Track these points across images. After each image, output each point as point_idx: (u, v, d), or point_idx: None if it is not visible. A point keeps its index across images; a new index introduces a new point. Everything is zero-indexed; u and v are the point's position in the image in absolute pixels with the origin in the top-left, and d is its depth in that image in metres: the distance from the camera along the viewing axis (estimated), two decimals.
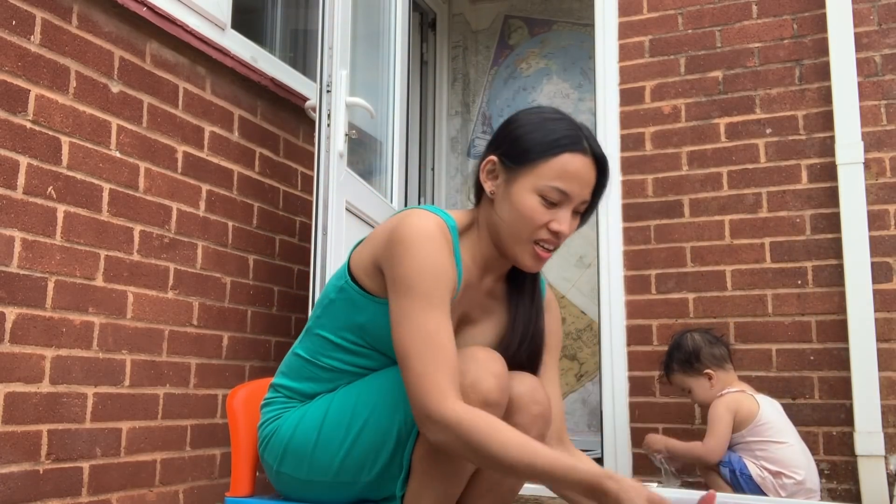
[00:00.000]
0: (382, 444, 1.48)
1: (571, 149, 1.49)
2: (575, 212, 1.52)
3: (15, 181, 2.00)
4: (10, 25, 2.01)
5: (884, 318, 2.75)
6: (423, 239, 1.41)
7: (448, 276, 1.43)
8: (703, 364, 2.62)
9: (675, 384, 2.71)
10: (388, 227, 1.48)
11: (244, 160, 2.81)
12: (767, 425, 2.53)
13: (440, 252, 1.43)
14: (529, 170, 1.49)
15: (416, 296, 1.39)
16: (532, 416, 1.50)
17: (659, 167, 3.14)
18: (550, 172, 1.48)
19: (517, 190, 1.49)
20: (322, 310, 1.58)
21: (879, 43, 2.90)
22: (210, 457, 2.59)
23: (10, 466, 1.95)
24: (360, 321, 1.51)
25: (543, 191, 1.48)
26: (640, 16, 3.27)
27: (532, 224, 1.48)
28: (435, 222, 1.45)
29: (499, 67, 4.89)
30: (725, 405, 2.55)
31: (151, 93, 2.44)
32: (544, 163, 1.48)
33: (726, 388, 2.59)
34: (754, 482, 2.47)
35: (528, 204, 1.48)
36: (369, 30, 3.19)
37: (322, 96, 2.60)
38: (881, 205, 2.81)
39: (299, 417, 1.55)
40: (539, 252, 1.50)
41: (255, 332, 2.82)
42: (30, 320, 2.02)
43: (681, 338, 2.69)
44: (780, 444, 2.52)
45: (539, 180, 1.48)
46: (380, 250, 1.47)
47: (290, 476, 1.57)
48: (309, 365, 1.58)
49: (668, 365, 2.70)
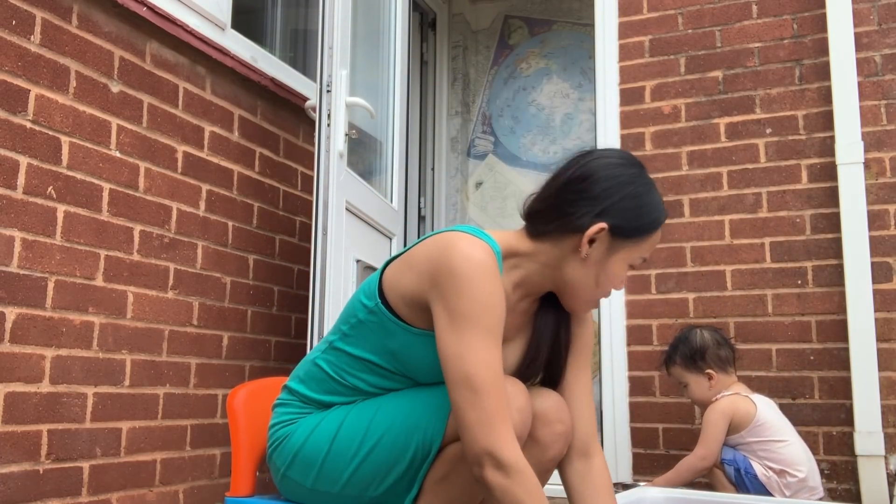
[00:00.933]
0: (395, 463, 1.47)
1: (661, 225, 1.53)
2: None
3: (15, 181, 2.00)
4: (10, 25, 2.01)
5: (884, 318, 2.75)
6: (480, 272, 1.36)
7: (503, 308, 1.40)
8: (707, 363, 2.60)
9: (673, 376, 2.69)
10: (432, 255, 1.41)
11: (244, 160, 2.81)
12: (766, 425, 2.52)
13: (496, 285, 1.38)
14: (635, 244, 1.49)
15: (481, 330, 1.35)
16: (556, 434, 1.51)
17: (659, 167, 3.14)
18: (648, 246, 1.51)
19: (616, 260, 1.48)
20: (349, 328, 1.53)
21: (879, 43, 2.90)
22: (210, 457, 2.59)
23: (10, 466, 1.95)
24: (392, 347, 1.48)
25: (633, 260, 1.50)
26: (640, 16, 3.27)
27: (610, 289, 1.51)
28: (484, 250, 1.39)
29: (499, 67, 4.89)
30: (721, 411, 2.53)
31: (151, 93, 2.44)
32: (648, 237, 1.50)
33: (724, 390, 2.58)
34: (759, 481, 2.47)
35: (621, 275, 1.50)
36: (369, 30, 3.19)
37: (322, 96, 2.60)
38: (881, 205, 2.81)
39: (314, 426, 1.54)
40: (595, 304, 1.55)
41: (255, 332, 2.82)
42: (30, 320, 2.02)
43: (690, 332, 2.66)
44: (781, 442, 2.51)
45: (637, 253, 1.50)
46: (426, 282, 1.41)
47: (296, 482, 1.56)
48: (330, 380, 1.55)
49: (670, 356, 2.67)
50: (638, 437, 3.01)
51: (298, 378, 1.62)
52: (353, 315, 1.53)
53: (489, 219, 4.66)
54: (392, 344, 1.47)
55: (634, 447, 3.01)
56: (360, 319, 1.51)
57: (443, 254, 1.39)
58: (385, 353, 1.49)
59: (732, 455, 2.52)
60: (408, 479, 1.47)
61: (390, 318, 1.46)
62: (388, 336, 1.47)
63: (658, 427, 2.99)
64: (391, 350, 1.48)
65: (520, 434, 1.42)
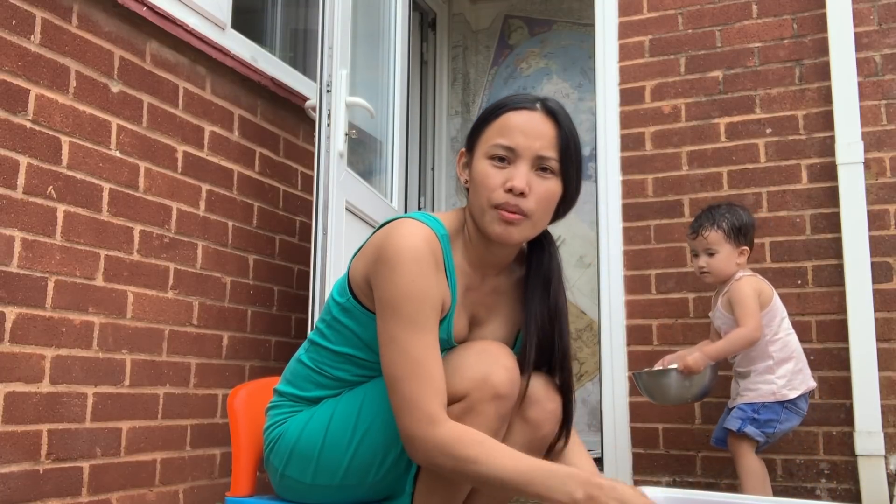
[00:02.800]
0: (391, 444, 1.47)
1: (513, 107, 1.48)
2: (541, 169, 1.46)
3: (15, 181, 2.00)
4: (10, 25, 2.01)
5: (884, 317, 2.75)
6: (407, 260, 1.38)
7: (434, 297, 1.41)
8: (747, 240, 2.57)
9: (708, 241, 2.56)
10: (377, 242, 1.45)
11: (244, 160, 2.81)
12: (778, 310, 2.55)
13: (425, 273, 1.40)
14: (482, 142, 1.48)
15: (402, 318, 1.38)
16: (547, 412, 1.52)
17: (659, 167, 3.14)
18: (494, 133, 1.47)
19: (474, 165, 1.48)
20: (326, 326, 1.56)
21: (879, 43, 2.90)
22: (210, 456, 2.59)
23: (10, 466, 1.94)
24: (366, 338, 1.50)
25: (490, 152, 1.46)
26: (640, 15, 3.27)
27: (488, 188, 1.44)
28: (422, 237, 1.42)
29: (499, 67, 4.89)
30: (753, 287, 2.51)
31: (151, 92, 2.44)
32: (489, 128, 1.48)
33: (742, 270, 2.58)
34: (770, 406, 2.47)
35: (482, 170, 1.46)
36: (369, 29, 3.19)
37: (322, 96, 2.60)
38: (881, 205, 2.81)
39: (305, 420, 1.55)
40: (503, 215, 1.44)
41: (255, 332, 2.82)
42: (30, 320, 2.02)
43: (737, 208, 2.62)
44: (789, 332, 2.55)
45: (486, 145, 1.47)
46: (370, 267, 1.44)
47: (295, 480, 1.56)
48: (315, 374, 1.57)
49: (714, 220, 2.56)
50: (638, 436, 3.01)
51: (286, 380, 1.64)
52: (328, 312, 1.55)
53: None
54: (366, 335, 1.49)
55: (634, 447, 3.01)
56: (334, 316, 1.53)
57: (381, 242, 1.42)
58: (361, 346, 1.51)
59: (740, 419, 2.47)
60: (406, 458, 1.47)
61: (361, 311, 1.48)
62: (362, 328, 1.49)
63: (658, 427, 2.99)
64: (366, 341, 1.50)
65: (509, 391, 1.43)
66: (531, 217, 1.45)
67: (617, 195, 3.17)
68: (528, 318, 1.54)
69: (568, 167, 1.47)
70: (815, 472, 2.78)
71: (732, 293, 2.53)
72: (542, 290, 1.55)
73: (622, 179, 3.18)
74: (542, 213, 1.47)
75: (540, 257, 1.57)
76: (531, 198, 1.44)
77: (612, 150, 3.20)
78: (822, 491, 2.75)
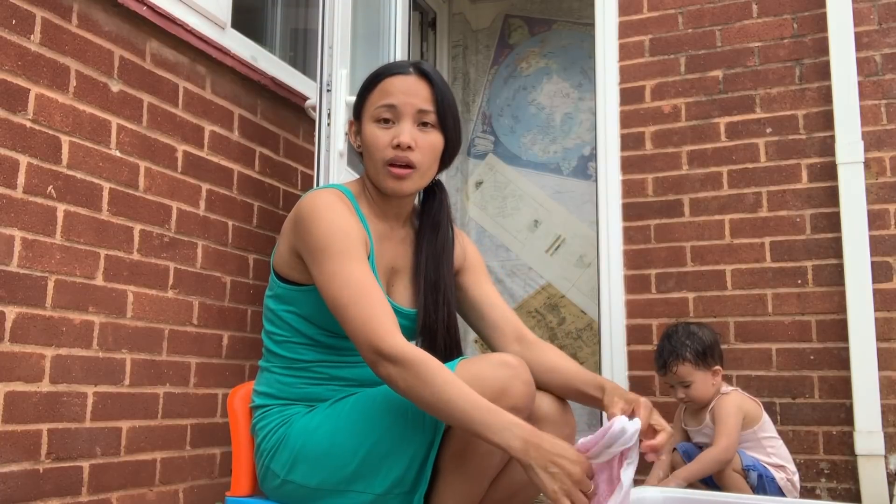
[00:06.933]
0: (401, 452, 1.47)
1: (391, 73, 1.63)
2: (422, 124, 1.60)
3: (15, 180, 2.00)
4: (10, 24, 2.01)
5: (884, 317, 2.75)
6: (323, 208, 1.53)
7: (356, 231, 1.53)
8: (715, 359, 2.53)
9: (679, 375, 2.53)
10: (292, 215, 1.59)
11: (244, 159, 2.81)
12: (768, 423, 2.55)
13: (342, 213, 1.53)
14: (367, 108, 1.63)
15: (334, 254, 1.48)
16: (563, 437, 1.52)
17: (659, 166, 3.14)
18: (377, 98, 1.61)
19: (363, 130, 1.63)
20: (271, 324, 1.65)
21: (879, 42, 2.90)
22: (210, 456, 2.59)
23: (10, 466, 1.94)
24: (305, 313, 1.59)
25: (375, 115, 1.60)
26: (640, 15, 3.27)
27: (377, 148, 1.59)
28: (331, 191, 1.57)
29: (499, 67, 4.89)
30: (736, 404, 2.49)
31: (151, 92, 2.44)
32: (371, 94, 1.63)
33: (721, 386, 2.57)
34: (776, 485, 2.46)
35: (370, 133, 1.61)
36: (369, 29, 3.19)
37: (322, 95, 2.60)
38: (881, 204, 2.81)
39: (310, 421, 1.54)
40: (393, 171, 1.58)
41: (256, 332, 2.82)
42: (30, 319, 2.02)
43: (695, 328, 2.58)
44: (777, 439, 2.55)
45: (371, 109, 1.61)
46: (291, 236, 1.57)
47: (299, 485, 1.54)
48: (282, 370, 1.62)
49: (679, 354, 2.52)
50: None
51: (262, 393, 1.66)
52: (268, 309, 1.66)
53: (489, 218, 4.66)
54: (304, 310, 1.59)
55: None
56: (271, 310, 1.64)
57: (295, 210, 1.58)
58: (305, 324, 1.60)
59: (752, 461, 2.48)
60: (412, 475, 1.47)
61: (290, 289, 1.60)
62: (298, 306, 1.59)
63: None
64: (305, 316, 1.59)
65: (526, 405, 1.47)
66: (419, 168, 1.60)
67: (617, 195, 3.17)
68: (417, 259, 1.68)
69: (446, 119, 1.63)
70: (815, 472, 2.78)
71: (717, 409, 2.52)
72: (430, 233, 1.70)
73: (622, 179, 3.18)
74: (428, 164, 1.62)
75: (431, 205, 1.73)
76: (417, 151, 1.59)
77: (612, 149, 3.20)
78: (821, 490, 2.75)
